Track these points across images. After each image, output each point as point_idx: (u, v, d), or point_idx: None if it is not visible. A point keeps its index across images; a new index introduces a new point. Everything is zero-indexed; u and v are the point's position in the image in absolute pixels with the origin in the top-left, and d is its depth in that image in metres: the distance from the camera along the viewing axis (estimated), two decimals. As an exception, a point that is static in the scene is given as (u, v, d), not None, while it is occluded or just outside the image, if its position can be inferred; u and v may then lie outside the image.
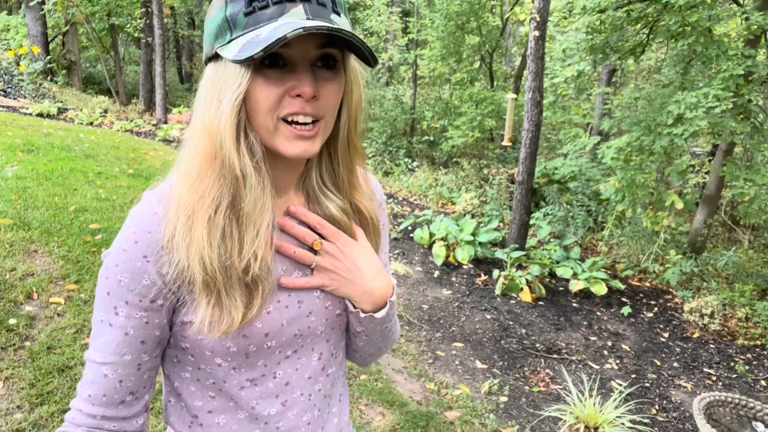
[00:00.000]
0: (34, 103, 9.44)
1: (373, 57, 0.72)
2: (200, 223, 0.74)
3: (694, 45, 5.30)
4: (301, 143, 0.74)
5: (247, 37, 0.69)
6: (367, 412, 3.02)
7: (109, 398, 0.81)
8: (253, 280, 0.78)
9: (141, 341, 0.80)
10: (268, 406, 0.87)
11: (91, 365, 0.81)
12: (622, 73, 10.98)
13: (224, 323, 0.76)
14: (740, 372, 4.29)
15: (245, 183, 0.75)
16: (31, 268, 3.41)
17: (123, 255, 0.76)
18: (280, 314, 0.83)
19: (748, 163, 6.82)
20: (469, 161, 9.70)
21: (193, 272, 0.75)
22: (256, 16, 0.70)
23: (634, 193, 5.79)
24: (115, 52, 13.14)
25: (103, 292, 0.78)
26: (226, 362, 0.82)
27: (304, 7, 0.70)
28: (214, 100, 0.73)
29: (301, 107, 0.72)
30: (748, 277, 5.94)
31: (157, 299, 0.77)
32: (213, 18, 0.74)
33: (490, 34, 10.44)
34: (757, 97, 6.05)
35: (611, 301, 5.45)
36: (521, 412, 3.44)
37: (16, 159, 5.43)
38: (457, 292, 5.21)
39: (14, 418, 2.32)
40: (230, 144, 0.72)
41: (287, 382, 0.88)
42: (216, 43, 0.73)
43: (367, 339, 0.95)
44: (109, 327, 0.79)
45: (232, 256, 0.75)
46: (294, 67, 0.72)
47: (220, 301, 0.76)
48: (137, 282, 0.76)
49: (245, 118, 0.73)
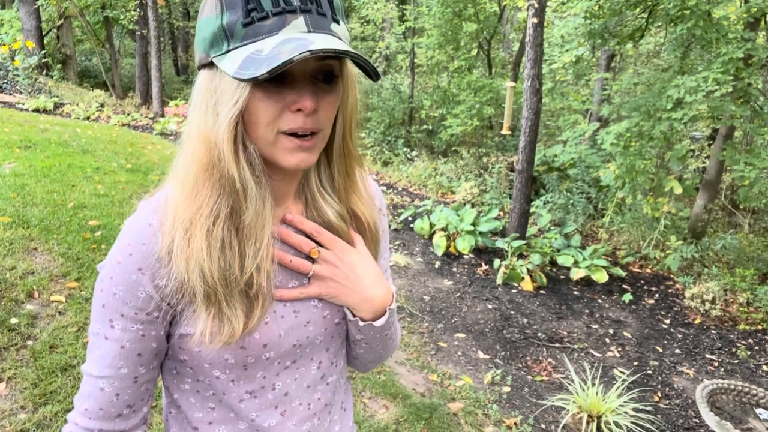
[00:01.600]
0: (30, 98, 9.39)
1: (376, 73, 0.70)
2: (199, 235, 0.73)
3: (694, 29, 5.26)
4: (300, 154, 0.73)
5: (247, 51, 0.67)
6: (371, 405, 3.03)
7: (106, 412, 0.80)
8: (257, 290, 0.77)
9: (137, 354, 0.79)
10: (267, 418, 0.86)
11: (88, 378, 0.80)
12: (621, 57, 10.92)
13: (225, 334, 0.75)
14: (742, 357, 4.30)
15: (246, 195, 0.73)
16: (32, 267, 3.40)
17: (118, 267, 0.75)
18: (278, 325, 0.81)
19: (748, 147, 6.80)
20: (468, 150, 9.67)
21: (193, 284, 0.73)
22: (255, 28, 0.67)
23: (634, 179, 5.77)
24: (110, 45, 13.05)
25: (98, 305, 0.77)
26: (224, 375, 0.81)
27: (305, 18, 0.68)
28: (210, 110, 0.71)
29: (302, 122, 0.71)
30: (748, 261, 5.94)
31: (153, 311, 0.76)
32: (206, 23, 0.71)
33: (487, 21, 10.36)
34: (757, 80, 6.02)
35: (612, 288, 5.46)
36: (524, 401, 3.45)
37: (13, 155, 5.40)
38: (458, 283, 5.21)
39: (18, 418, 2.32)
40: (229, 157, 0.71)
41: (286, 392, 0.87)
42: (211, 52, 0.71)
43: (367, 347, 0.94)
44: (105, 340, 0.78)
45: (232, 268, 0.74)
46: (293, 81, 0.70)
47: (221, 311, 0.75)
48: (132, 295, 0.75)
49: (243, 129, 0.72)
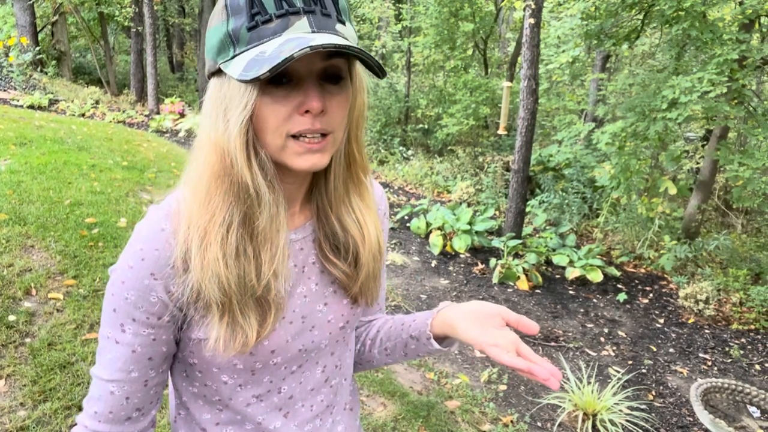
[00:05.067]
0: (25, 94, 9.34)
1: (381, 69, 0.70)
2: (214, 244, 0.72)
3: (689, 30, 5.29)
4: (310, 156, 0.72)
5: (251, 54, 0.67)
6: (369, 403, 3.04)
7: (116, 415, 0.80)
8: (271, 298, 0.77)
9: (148, 358, 0.79)
10: (273, 420, 0.88)
11: (98, 382, 0.80)
12: (616, 58, 10.97)
13: (238, 342, 0.75)
14: (735, 357, 4.34)
15: (260, 201, 0.73)
16: (29, 264, 3.40)
17: (129, 272, 0.75)
18: (285, 331, 0.82)
19: (742, 148, 6.85)
20: (464, 149, 9.70)
21: (208, 293, 0.73)
22: (259, 31, 0.67)
23: (628, 179, 5.81)
24: (105, 41, 12.99)
25: (109, 309, 0.77)
26: (232, 379, 0.82)
27: (309, 19, 0.68)
28: (220, 118, 0.71)
29: (310, 124, 0.70)
30: (741, 261, 6.00)
31: (164, 316, 0.77)
32: (214, 31, 0.71)
33: (483, 21, 10.38)
34: (751, 81, 6.07)
35: (607, 287, 5.50)
36: (520, 400, 3.48)
37: (8, 152, 5.38)
38: (454, 282, 5.23)
39: (18, 415, 2.33)
40: (242, 163, 0.71)
41: (291, 395, 0.88)
42: (219, 59, 0.71)
43: (400, 358, 1.01)
44: (116, 344, 0.78)
45: (249, 275, 0.74)
46: (300, 82, 0.70)
47: (235, 320, 0.75)
48: (144, 299, 0.75)
49: (253, 135, 0.72)
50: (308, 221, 0.86)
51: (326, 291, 0.87)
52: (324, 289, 0.87)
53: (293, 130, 0.70)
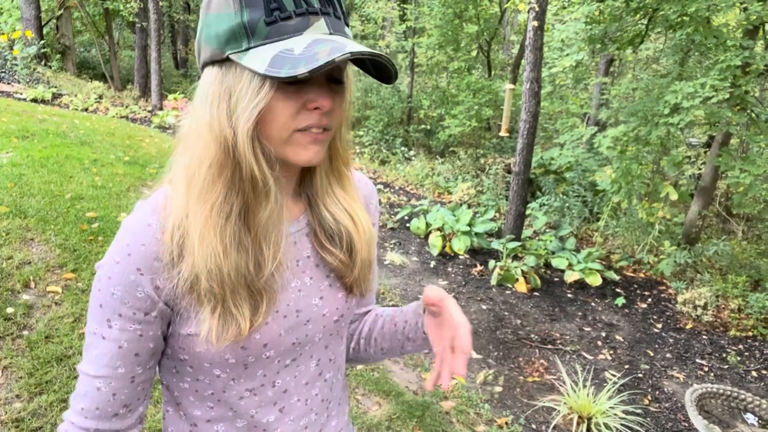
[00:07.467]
0: (28, 88, 9.36)
1: (396, 75, 0.73)
2: (213, 235, 0.73)
3: (693, 35, 5.30)
4: (314, 147, 0.74)
5: (275, 49, 0.67)
6: (364, 402, 3.05)
7: (102, 411, 0.80)
8: (263, 288, 0.78)
9: (135, 354, 0.79)
10: (266, 414, 0.88)
11: (84, 378, 0.80)
12: (620, 63, 10.97)
13: (231, 333, 0.75)
14: (732, 363, 4.34)
15: (266, 191, 0.74)
16: (28, 257, 3.41)
17: (116, 267, 0.74)
18: (279, 324, 0.82)
19: (744, 155, 6.84)
20: (466, 151, 9.70)
21: (206, 285, 0.74)
22: (278, 27, 0.68)
23: (629, 184, 5.81)
24: (109, 36, 13.01)
25: (95, 305, 0.77)
26: (225, 373, 0.82)
27: (326, 20, 0.70)
28: (224, 107, 0.71)
29: (318, 120, 0.72)
30: (741, 268, 5.99)
31: (152, 312, 0.76)
32: (220, 19, 0.70)
33: (488, 23, 10.40)
34: (754, 88, 6.07)
35: (606, 291, 5.50)
36: (516, 402, 3.48)
37: (10, 145, 5.39)
38: (453, 283, 5.24)
39: (13, 407, 2.33)
40: (250, 154, 0.71)
41: (285, 389, 0.88)
42: (227, 48, 0.70)
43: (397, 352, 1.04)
44: (102, 340, 0.77)
45: (248, 265, 0.75)
46: (311, 81, 0.71)
47: (227, 310, 0.75)
48: (131, 295, 0.75)
49: (257, 127, 0.73)
50: (302, 214, 0.87)
51: (321, 285, 0.88)
52: (319, 282, 0.88)
53: (301, 124, 0.72)
